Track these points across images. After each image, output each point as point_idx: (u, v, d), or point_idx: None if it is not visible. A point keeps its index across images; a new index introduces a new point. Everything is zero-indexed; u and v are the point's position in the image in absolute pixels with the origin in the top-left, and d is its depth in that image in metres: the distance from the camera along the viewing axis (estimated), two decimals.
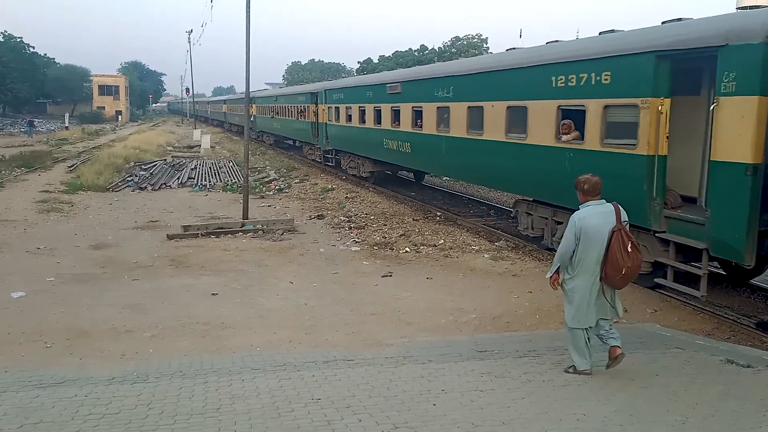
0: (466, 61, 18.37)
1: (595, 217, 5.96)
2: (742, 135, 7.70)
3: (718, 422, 5.30)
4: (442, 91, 15.41)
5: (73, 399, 5.87)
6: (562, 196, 10.92)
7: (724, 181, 8.01)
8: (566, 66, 10.68)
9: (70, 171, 27.42)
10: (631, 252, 5.86)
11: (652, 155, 8.96)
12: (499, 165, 13.13)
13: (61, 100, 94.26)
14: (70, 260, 12.38)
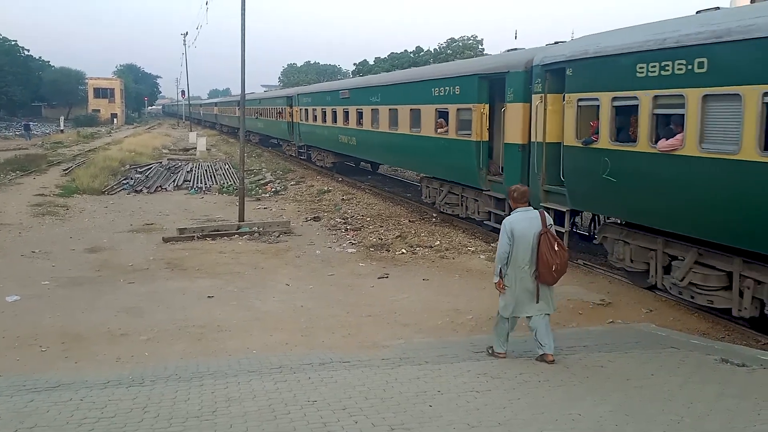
0: (387, 75, 25.19)
1: (523, 221, 6.72)
2: (516, 127, 12.49)
3: (713, 421, 5.31)
4: (375, 96, 20.14)
5: (68, 403, 5.85)
6: (441, 172, 16.29)
7: (509, 155, 12.91)
8: (439, 81, 15.62)
9: (66, 174, 27.35)
10: (558, 250, 6.62)
11: (478, 140, 13.83)
12: (407, 151, 18.01)
13: (56, 103, 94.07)
14: (65, 264, 12.35)
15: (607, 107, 9.73)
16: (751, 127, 7.35)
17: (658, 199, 8.94)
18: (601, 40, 10.20)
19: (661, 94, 8.73)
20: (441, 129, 15.45)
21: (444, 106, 15.20)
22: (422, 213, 17.66)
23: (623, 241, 10.21)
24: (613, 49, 9.67)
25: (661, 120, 8.93)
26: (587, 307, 9.40)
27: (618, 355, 7.20)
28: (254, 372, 6.71)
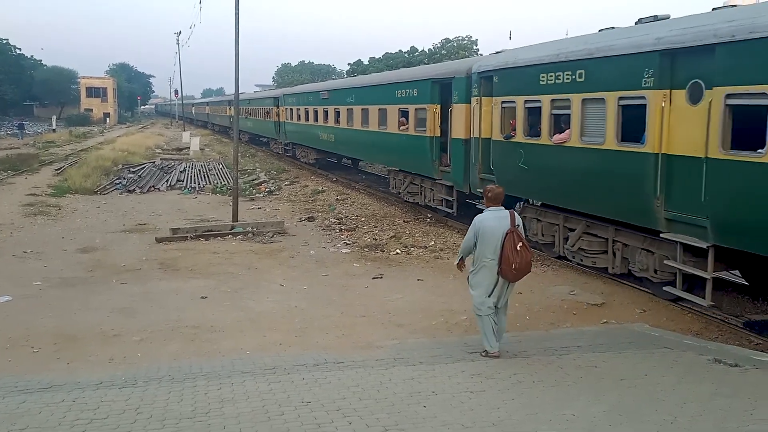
0: (360, 78, 28.50)
1: (492, 220, 7.03)
2: (460, 124, 14.42)
3: (706, 421, 5.33)
4: (350, 97, 22.16)
5: (60, 404, 5.82)
6: (403, 165, 18.31)
7: (455, 148, 14.79)
8: (401, 84, 17.85)
9: (58, 174, 27.21)
10: (520, 250, 6.87)
11: (432, 136, 15.87)
12: (376, 147, 20.10)
13: (48, 102, 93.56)
14: (57, 264, 12.28)
15: (521, 108, 11.93)
16: (612, 123, 9.61)
17: (556, 183, 11.15)
18: (518, 54, 12.59)
19: (555, 98, 10.94)
20: (403, 126, 17.52)
21: (405, 106, 17.35)
22: (417, 213, 17.67)
23: (537, 219, 12.28)
24: (524, 61, 12.00)
25: (556, 118, 11.05)
26: (581, 308, 9.42)
27: (612, 356, 7.22)
28: (248, 373, 6.69)
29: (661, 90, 8.75)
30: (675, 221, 8.72)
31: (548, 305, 9.54)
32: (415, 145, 16.71)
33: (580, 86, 10.25)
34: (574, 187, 10.69)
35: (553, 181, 11.18)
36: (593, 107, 10.03)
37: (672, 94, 8.68)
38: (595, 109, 9.97)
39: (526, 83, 11.68)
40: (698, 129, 8.19)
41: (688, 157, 8.40)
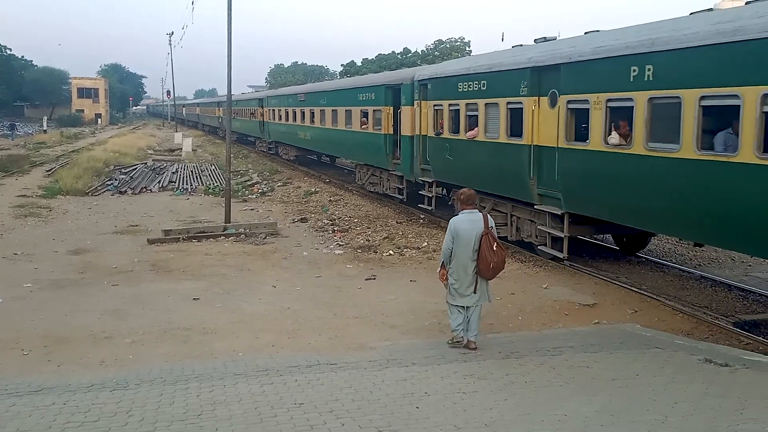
0: (331, 83, 32.86)
1: (466, 222, 7.40)
2: (407, 123, 16.81)
3: (697, 421, 5.36)
4: (322, 100, 24.78)
5: (51, 407, 5.79)
6: (364, 158, 20.71)
7: (404, 144, 17.11)
8: (363, 89, 20.40)
9: (49, 175, 27.06)
10: (496, 250, 7.34)
11: (386, 134, 18.14)
12: (343, 143, 22.67)
13: (39, 103, 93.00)
14: (48, 266, 12.21)
15: (446, 110, 14.71)
16: (503, 122, 12.39)
17: (471, 170, 13.86)
18: (446, 67, 16.05)
19: (468, 102, 13.68)
20: (364, 126, 19.91)
21: (366, 108, 19.83)
22: (410, 215, 17.68)
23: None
24: (448, 72, 15.00)
25: (469, 118, 13.77)
26: (573, 308, 9.45)
27: (603, 356, 7.25)
28: (240, 375, 6.68)
29: (532, 97, 11.44)
30: (544, 196, 11.44)
31: (540, 306, 9.57)
32: (374, 142, 19.17)
33: (484, 93, 13.06)
34: (483, 173, 13.43)
35: (469, 169, 14.01)
36: (492, 110, 12.80)
37: (540, 100, 11.33)
38: (494, 111, 12.76)
39: (450, 90, 14.53)
40: (554, 126, 10.94)
41: (548, 147, 11.16)
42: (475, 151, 13.48)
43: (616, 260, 12.64)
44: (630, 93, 9.21)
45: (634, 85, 9.13)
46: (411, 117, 16.50)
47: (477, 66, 13.64)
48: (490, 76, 12.91)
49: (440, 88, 15.02)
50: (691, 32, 8.31)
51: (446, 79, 14.84)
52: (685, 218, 8.79)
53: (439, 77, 15.18)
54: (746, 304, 9.99)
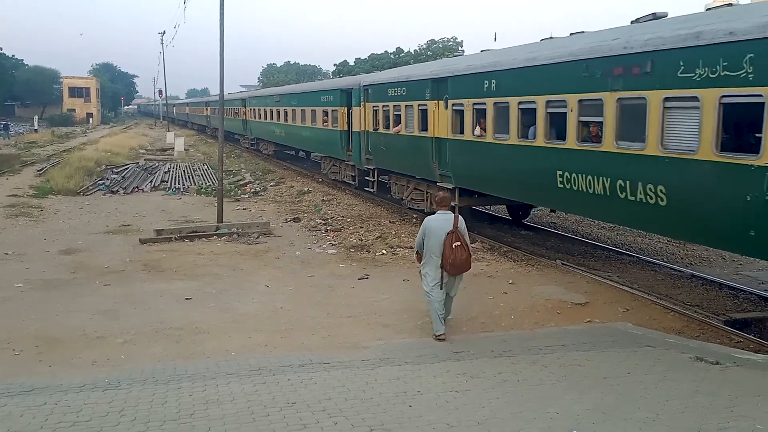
0: (301, 85, 34.66)
1: (437, 222, 8.07)
2: (357, 121, 19.62)
3: (687, 418, 5.40)
4: (294, 100, 28.17)
5: (43, 407, 5.76)
6: (326, 151, 24.17)
7: (355, 138, 19.93)
8: (324, 91, 23.99)
9: (40, 175, 26.91)
10: (455, 248, 7.88)
11: (341, 130, 21.28)
12: (311, 139, 25.96)
13: (30, 102, 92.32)
14: (39, 266, 12.15)
15: (381, 111, 18.06)
16: (416, 119, 15.78)
17: (398, 157, 17.26)
18: (381, 75, 19.96)
19: (395, 104, 17.06)
20: (325, 123, 23.14)
21: (326, 108, 23.07)
22: (403, 214, 17.70)
23: (396, 183, 18.19)
24: (382, 80, 18.51)
25: (395, 117, 17.07)
26: (566, 307, 9.49)
27: (595, 354, 7.29)
28: (233, 374, 6.67)
29: (433, 100, 14.85)
30: (442, 175, 14.76)
31: (533, 305, 9.60)
32: (332, 137, 22.37)
33: (405, 98, 16.53)
34: (406, 160, 16.85)
35: (397, 157, 17.35)
36: (410, 110, 16.20)
37: (438, 103, 14.67)
38: (410, 111, 16.19)
39: (383, 95, 17.92)
40: (446, 122, 14.35)
41: (443, 138, 14.55)
42: (400, 142, 16.96)
43: (608, 259, 12.71)
44: (484, 99, 12.78)
45: (486, 94, 12.69)
46: (359, 116, 19.60)
47: (400, 76, 17.40)
48: (408, 84, 16.47)
49: (377, 92, 18.40)
50: (511, 59, 12.22)
51: (380, 85, 18.28)
52: (516, 187, 12.63)
53: (376, 84, 18.65)
54: (737, 302, 10.07)
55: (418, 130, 15.64)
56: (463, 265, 8.02)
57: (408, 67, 19.80)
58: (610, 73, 9.40)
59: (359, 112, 19.55)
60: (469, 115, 13.33)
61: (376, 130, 18.25)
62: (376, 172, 18.96)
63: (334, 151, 22.65)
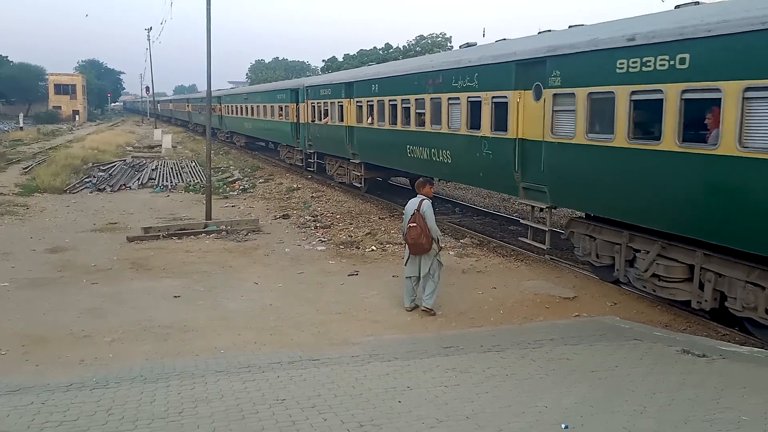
0: (263, 86, 41.45)
1: (410, 204, 9.12)
2: (303, 115, 24.72)
3: (674, 410, 5.46)
4: (258, 98, 33.34)
5: (29, 407, 5.72)
6: (282, 140, 29.09)
7: (302, 129, 24.90)
8: (278, 90, 29.05)
9: (25, 173, 26.63)
10: (409, 228, 8.87)
11: (292, 122, 26.07)
12: (271, 130, 31.12)
13: (15, 99, 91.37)
14: (25, 264, 12.03)
15: (317, 106, 22.69)
16: (337, 112, 20.36)
17: (328, 143, 21.98)
18: (316, 78, 27.11)
19: (325, 101, 21.76)
20: (281, 117, 28.13)
21: (281, 104, 28.17)
22: (392, 210, 17.70)
23: (328, 162, 22.80)
24: (316, 82, 23.77)
25: (327, 111, 21.53)
26: (554, 301, 9.54)
27: (583, 348, 7.34)
28: (222, 372, 6.65)
29: (347, 98, 19.68)
30: (354, 153, 19.57)
31: (522, 299, 9.65)
32: (286, 128, 27.40)
33: (330, 96, 21.32)
34: (331, 144, 21.67)
35: (327, 142, 22.25)
36: (333, 106, 20.96)
37: (351, 100, 19.43)
38: (334, 106, 20.94)
39: (317, 93, 22.90)
40: (354, 114, 19.14)
41: (352, 126, 19.40)
42: (328, 130, 21.58)
43: None
44: (373, 97, 17.93)
45: (373, 94, 17.92)
46: (304, 110, 24.56)
47: (327, 80, 23.40)
48: (332, 86, 21.42)
49: (313, 92, 23.38)
50: (386, 69, 18.45)
51: (315, 86, 23.39)
52: (391, 158, 17.52)
53: (313, 85, 23.80)
54: None
55: (338, 120, 20.41)
56: (416, 245, 8.80)
57: (333, 74, 27.93)
58: (426, 82, 14.84)
59: (303, 107, 24.57)
60: (365, 109, 18.60)
61: (313, 122, 23.34)
62: (315, 155, 24.27)
63: (287, 140, 27.85)
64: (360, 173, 19.92)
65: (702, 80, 7.68)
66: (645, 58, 8.40)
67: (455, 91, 13.29)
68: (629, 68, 8.70)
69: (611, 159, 9.17)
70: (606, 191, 9.41)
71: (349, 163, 20.49)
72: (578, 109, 9.69)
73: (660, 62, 8.20)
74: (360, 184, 20.32)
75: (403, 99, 15.98)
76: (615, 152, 9.02)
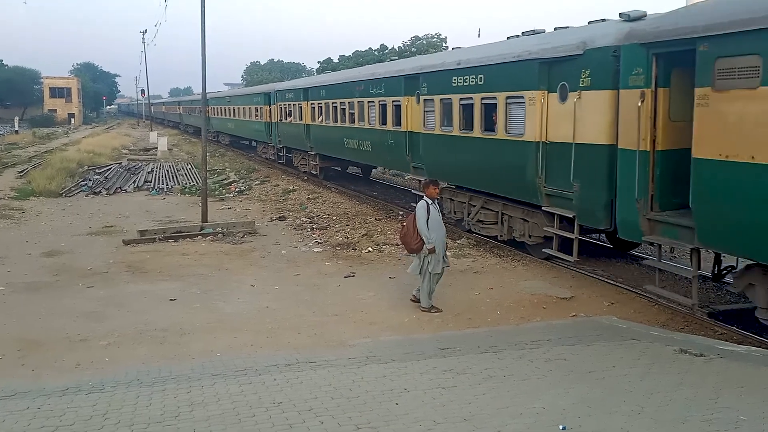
0: (241, 89, 48.57)
1: None
2: (274, 115, 29.24)
3: (672, 410, 5.45)
4: (237, 101, 37.85)
5: (25, 412, 5.69)
6: (259, 137, 33.54)
7: (274, 128, 29.38)
8: (255, 94, 33.63)
9: (21, 176, 26.55)
10: (402, 225, 9.40)
11: (266, 121, 30.38)
12: (248, 128, 35.58)
13: (10, 103, 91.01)
14: (21, 268, 11.98)
15: (284, 108, 26.75)
16: (298, 113, 24.83)
17: (292, 137, 26.12)
18: (285, 84, 31.28)
19: (290, 103, 25.97)
20: (257, 117, 31.81)
21: (256, 106, 32.01)
22: (388, 211, 17.69)
23: (294, 156, 26.85)
24: (286, 87, 28.14)
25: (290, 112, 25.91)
26: (551, 302, 9.54)
27: (581, 348, 7.33)
28: (218, 375, 6.62)
29: (305, 101, 23.72)
30: (312, 146, 23.71)
31: (519, 300, 9.64)
32: (261, 127, 31.28)
33: (294, 99, 25.43)
34: (295, 139, 25.76)
35: (291, 137, 26.31)
36: (295, 107, 25.25)
37: (307, 103, 23.44)
38: (296, 108, 25.00)
39: (284, 97, 27.01)
40: (309, 114, 23.49)
41: (307, 124, 23.52)
42: (292, 128, 25.78)
43: (593, 254, 12.77)
44: (321, 101, 22.14)
45: (321, 98, 22.17)
46: (273, 112, 28.98)
47: (291, 86, 27.88)
48: (294, 91, 25.90)
49: (281, 96, 27.65)
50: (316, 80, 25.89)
51: (282, 91, 27.82)
52: (336, 149, 21.42)
53: (280, 90, 28.22)
54: (720, 294, 10.16)
55: (299, 119, 24.48)
56: (404, 243, 9.28)
57: (296, 80, 35.52)
58: (355, 89, 19.01)
59: (274, 109, 28.63)
60: (317, 109, 22.61)
61: (281, 121, 27.48)
62: (285, 149, 28.44)
63: (262, 137, 31.99)
64: (316, 163, 24.00)
65: (489, 91, 12.02)
66: (465, 77, 12.81)
67: (371, 96, 17.79)
68: (458, 83, 13.07)
69: (453, 144, 13.44)
70: (454, 166, 13.57)
71: (308, 155, 24.64)
72: (436, 109, 14.05)
73: (471, 80, 12.62)
74: (316, 173, 24.36)
75: (341, 102, 20.19)
76: (454, 139, 13.40)
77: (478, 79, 12.33)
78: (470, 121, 12.72)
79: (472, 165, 12.80)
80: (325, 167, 24.01)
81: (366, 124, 18.05)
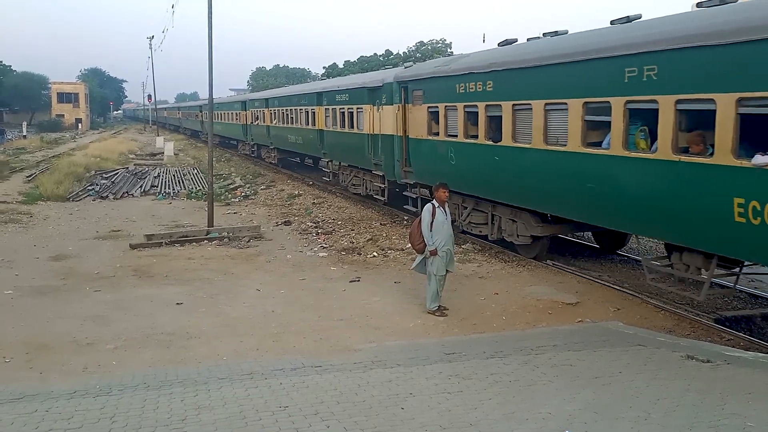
0: (228, 98, 51.72)
1: None
2: (248, 119, 38.32)
3: (679, 416, 5.43)
4: (229, 108, 44.18)
5: (33, 414, 5.72)
6: (241, 137, 41.94)
7: (250, 129, 38.16)
8: (238, 101, 42.93)
9: (29, 181, 26.70)
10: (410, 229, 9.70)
11: (243, 124, 39.52)
12: (233, 130, 44.18)
13: (18, 108, 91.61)
14: (28, 272, 12.06)
15: (271, 112, 31.72)
16: (269, 117, 32.42)
17: (280, 140, 30.55)
18: (256, 94, 41.72)
19: (260, 110, 33.95)
20: (237, 120, 39.65)
21: (236, 112, 40.26)
22: (393, 216, 17.71)
23: (270, 152, 33.48)
24: (274, 94, 33.24)
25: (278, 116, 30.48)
26: (557, 307, 9.53)
27: (587, 354, 7.32)
28: (224, 379, 6.64)
29: (266, 108, 32.74)
30: (273, 144, 32.80)
31: (524, 305, 9.63)
32: (241, 128, 39.39)
33: (261, 106, 33.49)
34: (262, 138, 33.76)
35: (259, 137, 34.55)
36: (262, 112, 33.15)
37: (268, 110, 32.36)
38: (262, 113, 33.18)
39: (254, 105, 35.15)
40: (268, 119, 32.40)
41: (270, 125, 32.27)
42: (259, 129, 33.18)
43: (598, 259, 12.76)
44: (277, 108, 30.28)
45: (276, 105, 30.43)
46: (250, 116, 36.18)
47: (259, 96, 34.71)
48: (259, 100, 33.11)
49: (251, 104, 35.28)
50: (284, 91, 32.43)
51: (252, 99, 35.35)
52: (301, 147, 26.86)
53: (251, 99, 36.41)
54: (726, 300, 10.14)
55: (263, 122, 31.89)
56: (410, 240, 9.61)
57: (263, 92, 42.57)
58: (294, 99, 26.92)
59: (249, 113, 36.28)
60: (275, 114, 29.66)
61: (253, 123, 35.01)
62: (256, 146, 36.18)
63: (241, 137, 40.00)
64: (275, 155, 32.57)
65: (351, 104, 19.78)
66: (340, 95, 21.18)
67: (300, 105, 25.69)
68: (340, 98, 21.17)
69: (339, 136, 21.30)
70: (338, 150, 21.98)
71: (270, 149, 33.11)
72: (330, 115, 22.62)
73: (343, 98, 20.57)
74: (275, 162, 32.61)
75: (287, 109, 28.11)
76: (339, 135, 21.22)
77: (345, 97, 20.61)
78: (343, 121, 20.75)
79: (347, 148, 20.78)
80: (281, 158, 32.41)
81: (300, 125, 26.08)
